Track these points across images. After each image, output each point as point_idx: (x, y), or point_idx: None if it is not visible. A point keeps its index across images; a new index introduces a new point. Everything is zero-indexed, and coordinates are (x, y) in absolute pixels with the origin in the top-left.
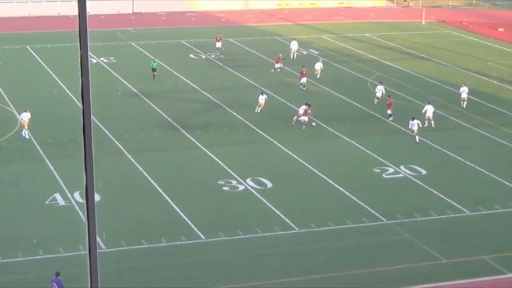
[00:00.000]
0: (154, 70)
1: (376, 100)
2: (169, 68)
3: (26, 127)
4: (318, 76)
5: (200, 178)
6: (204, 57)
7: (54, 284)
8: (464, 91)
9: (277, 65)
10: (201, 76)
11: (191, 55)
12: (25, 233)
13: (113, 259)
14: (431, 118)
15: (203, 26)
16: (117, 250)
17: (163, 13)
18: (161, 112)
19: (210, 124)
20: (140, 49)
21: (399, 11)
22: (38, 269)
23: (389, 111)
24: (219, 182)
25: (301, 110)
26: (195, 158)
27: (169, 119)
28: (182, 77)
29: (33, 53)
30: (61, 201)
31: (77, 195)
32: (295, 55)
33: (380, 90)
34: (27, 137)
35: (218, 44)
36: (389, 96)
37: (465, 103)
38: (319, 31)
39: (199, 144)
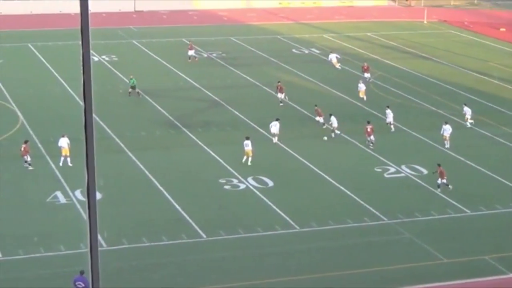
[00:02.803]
0: (133, 87)
1: (391, 127)
2: (170, 67)
3: (66, 154)
4: (364, 98)
5: (201, 177)
6: (205, 55)
7: (80, 283)
8: (467, 112)
9: (337, 66)
10: (202, 74)
11: (192, 54)
12: (26, 231)
13: (114, 257)
14: (447, 138)
15: (205, 24)
16: (118, 248)
17: (164, 11)
18: (162, 110)
19: (211, 123)
20: (142, 47)
21: (401, 11)
22: (39, 267)
23: (317, 118)
24: (220, 180)
25: (273, 127)
26: (196, 156)
27: (170, 117)
28: (184, 75)
29: (34, 51)
30: (62, 199)
31: (78, 193)
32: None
33: (389, 114)
34: (69, 164)
35: (191, 52)
36: (315, 105)
37: (470, 121)
38: (320, 30)
39: (200, 143)
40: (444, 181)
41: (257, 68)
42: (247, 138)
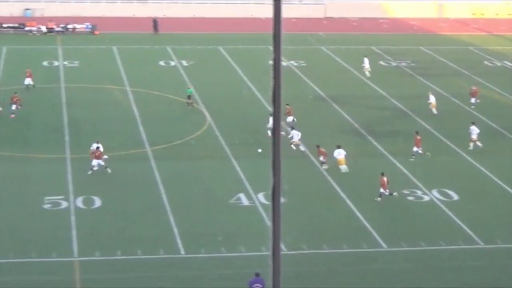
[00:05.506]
0: (189, 97)
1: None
2: (358, 74)
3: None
4: (434, 111)
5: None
6: (394, 64)
7: (258, 284)
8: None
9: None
10: (391, 83)
11: (381, 62)
12: (208, 230)
13: (293, 261)
14: None
15: (395, 33)
16: (298, 253)
17: (354, 18)
18: (348, 117)
19: (397, 133)
20: (330, 53)
21: None
22: (220, 267)
23: (415, 149)
24: (403, 191)
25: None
26: (381, 165)
27: (355, 125)
28: (371, 84)
29: (224, 53)
30: (245, 201)
31: (261, 196)
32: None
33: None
34: (95, 168)
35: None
36: (417, 132)
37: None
38: None
39: (385, 152)
40: (386, 191)
41: (447, 79)
42: (339, 147)
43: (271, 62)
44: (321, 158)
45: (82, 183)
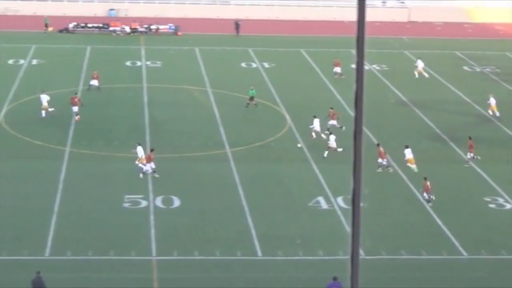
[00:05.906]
0: (251, 98)
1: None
2: (441, 79)
3: (143, 162)
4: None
5: (466, 193)
6: (478, 70)
7: None
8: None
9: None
10: (474, 89)
11: (465, 67)
12: (286, 232)
13: (371, 266)
14: None
15: (480, 38)
16: (376, 258)
17: (439, 23)
18: (429, 123)
19: (480, 139)
20: (413, 58)
21: None
22: (297, 270)
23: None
24: (485, 198)
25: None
26: (462, 172)
27: (437, 130)
28: (454, 89)
29: (306, 56)
30: (324, 205)
31: (340, 200)
32: None
33: None
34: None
35: (337, 69)
36: (470, 137)
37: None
38: None
39: (466, 159)
40: (432, 196)
41: None
42: (407, 147)
43: (353, 65)
44: (379, 160)
45: (161, 183)
